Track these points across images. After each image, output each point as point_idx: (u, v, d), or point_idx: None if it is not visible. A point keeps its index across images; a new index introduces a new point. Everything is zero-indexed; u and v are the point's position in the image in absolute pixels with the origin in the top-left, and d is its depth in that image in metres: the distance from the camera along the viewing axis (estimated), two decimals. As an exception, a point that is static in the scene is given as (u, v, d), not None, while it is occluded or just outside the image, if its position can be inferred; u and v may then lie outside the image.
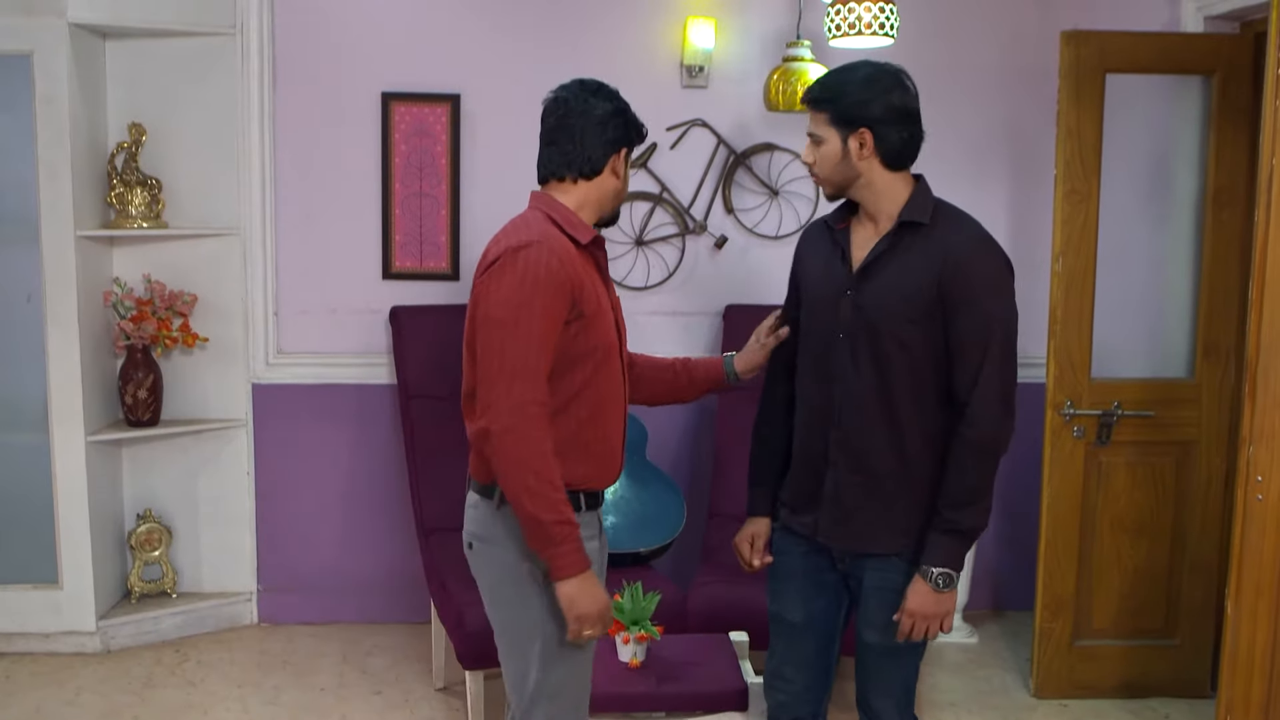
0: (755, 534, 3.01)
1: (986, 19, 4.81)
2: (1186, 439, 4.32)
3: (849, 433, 2.73)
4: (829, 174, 2.72)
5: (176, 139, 4.60)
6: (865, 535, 2.77)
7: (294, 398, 4.76)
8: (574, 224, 2.63)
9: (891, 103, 2.65)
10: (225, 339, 4.72)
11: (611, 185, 2.68)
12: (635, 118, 2.70)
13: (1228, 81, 4.19)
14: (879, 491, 2.73)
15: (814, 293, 2.83)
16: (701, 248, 4.84)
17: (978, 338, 2.62)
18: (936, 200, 2.73)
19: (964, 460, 2.64)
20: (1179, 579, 4.37)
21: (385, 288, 4.74)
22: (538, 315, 2.47)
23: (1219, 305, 4.28)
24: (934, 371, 2.67)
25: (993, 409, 2.63)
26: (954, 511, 2.65)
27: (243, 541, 4.85)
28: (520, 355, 2.46)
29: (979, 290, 2.63)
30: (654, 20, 4.70)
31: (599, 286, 2.65)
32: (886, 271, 2.68)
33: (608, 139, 2.64)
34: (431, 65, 4.67)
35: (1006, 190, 4.90)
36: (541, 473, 2.46)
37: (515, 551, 2.61)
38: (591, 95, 2.65)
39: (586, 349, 2.58)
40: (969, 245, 2.66)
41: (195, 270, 4.66)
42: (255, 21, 4.57)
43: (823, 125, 2.70)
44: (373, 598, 4.90)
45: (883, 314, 2.66)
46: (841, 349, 2.72)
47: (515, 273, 2.48)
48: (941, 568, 2.65)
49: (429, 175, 4.70)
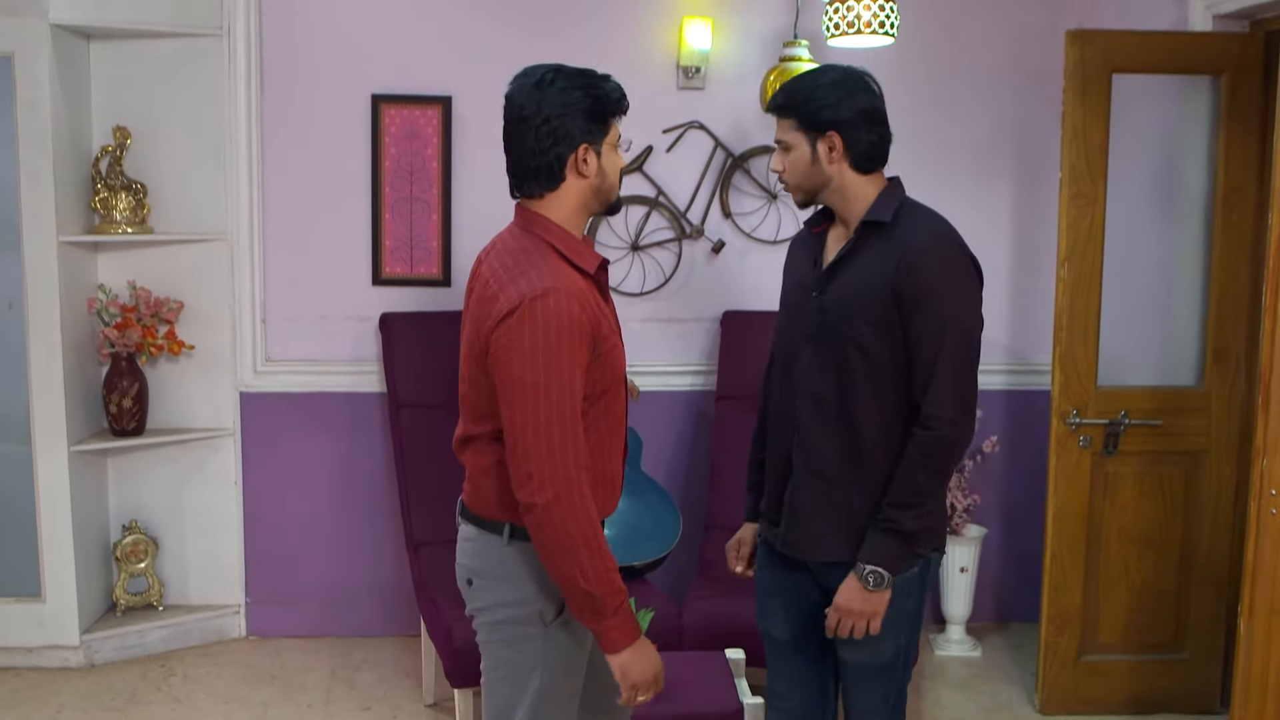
0: (741, 540, 2.97)
1: (989, 18, 4.73)
2: (1196, 449, 4.24)
3: (806, 436, 2.69)
4: (799, 180, 2.67)
5: (162, 142, 4.53)
6: (816, 541, 2.71)
7: (282, 406, 4.69)
8: (577, 250, 2.44)
9: (859, 105, 2.60)
10: (212, 346, 4.65)
11: (584, 186, 2.45)
12: (602, 98, 2.41)
13: (1237, 81, 4.11)
14: (831, 497, 2.67)
15: (789, 296, 2.82)
16: (698, 253, 4.77)
17: (932, 336, 2.55)
18: (903, 200, 2.67)
19: (913, 460, 2.57)
20: (1188, 592, 4.29)
21: (375, 294, 4.67)
22: (566, 371, 2.29)
23: (1229, 311, 4.20)
24: (894, 378, 2.61)
25: (946, 410, 2.55)
26: (897, 511, 2.58)
27: (230, 553, 4.77)
28: (558, 419, 2.29)
29: (934, 288, 2.55)
30: (649, 20, 4.63)
31: (608, 316, 2.49)
32: (847, 274, 2.64)
33: (557, 142, 2.39)
34: (422, 66, 4.59)
35: (1010, 193, 4.81)
36: (593, 544, 2.30)
37: (523, 591, 2.47)
38: (536, 89, 2.39)
39: (600, 387, 2.43)
40: (924, 242, 2.58)
41: (181, 276, 4.59)
42: (242, 22, 4.50)
43: (790, 131, 2.65)
44: (363, 610, 4.82)
45: (842, 317, 2.62)
46: (805, 352, 2.69)
47: (538, 327, 2.28)
48: (874, 566, 2.58)
49: (420, 179, 4.61)
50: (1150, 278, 4.45)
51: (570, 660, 2.52)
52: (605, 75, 2.46)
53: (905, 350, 2.57)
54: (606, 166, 2.47)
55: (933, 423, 2.55)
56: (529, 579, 2.45)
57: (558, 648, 2.48)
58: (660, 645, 3.48)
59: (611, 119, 2.45)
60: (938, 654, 4.74)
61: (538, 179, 2.44)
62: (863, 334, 2.58)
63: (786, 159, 2.67)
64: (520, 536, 2.44)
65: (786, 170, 2.68)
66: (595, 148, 2.43)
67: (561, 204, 2.46)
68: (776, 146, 2.70)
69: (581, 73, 2.43)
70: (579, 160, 2.42)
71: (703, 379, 4.80)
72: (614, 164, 2.49)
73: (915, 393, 2.58)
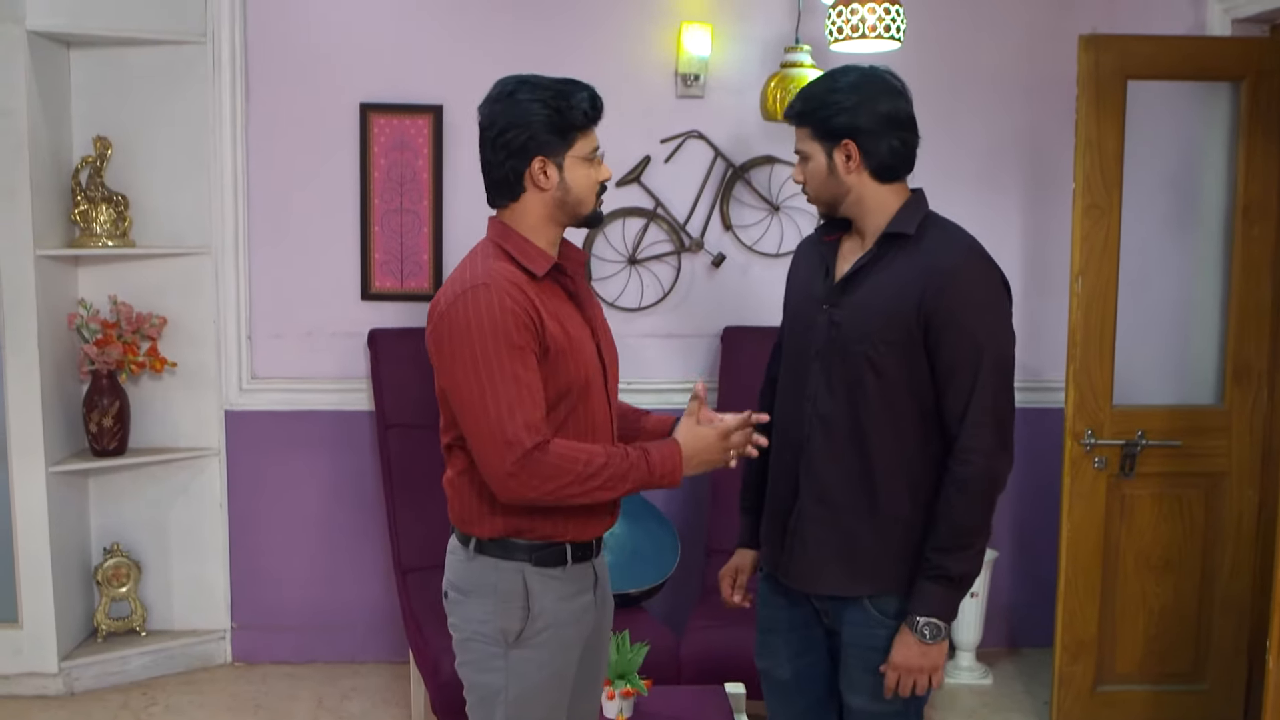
0: (738, 568, 2.80)
1: (999, 22, 4.60)
2: (1216, 470, 4.12)
3: (816, 462, 2.52)
4: (817, 191, 2.54)
5: (144, 153, 4.43)
6: (820, 573, 2.55)
7: (268, 425, 4.59)
8: (528, 254, 2.39)
9: (878, 110, 2.45)
10: (196, 364, 4.54)
11: (546, 199, 2.39)
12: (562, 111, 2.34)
13: (1258, 88, 4.00)
14: (839, 526, 2.51)
15: (796, 309, 2.65)
16: (698, 266, 4.65)
17: (967, 362, 2.40)
18: (928, 212, 2.52)
19: (953, 500, 2.42)
20: (1209, 619, 4.18)
21: (364, 309, 4.56)
22: (506, 359, 2.25)
23: (1250, 326, 4.09)
24: (912, 400, 2.45)
25: (985, 442, 2.41)
26: (942, 556, 2.42)
27: (215, 577, 4.65)
28: (503, 400, 2.24)
29: (967, 308, 2.41)
30: (647, 27, 4.52)
31: (569, 318, 2.41)
32: (865, 287, 2.48)
33: (511, 155, 2.36)
34: (412, 74, 4.48)
35: (1021, 205, 4.68)
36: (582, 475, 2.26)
37: (484, 609, 2.41)
38: (495, 101, 2.38)
39: (560, 389, 2.35)
40: (956, 258, 2.44)
41: (164, 291, 4.48)
42: (227, 29, 4.40)
43: (806, 140, 2.51)
44: (352, 636, 4.69)
45: (858, 333, 2.46)
46: (815, 368, 2.53)
47: (470, 320, 2.27)
48: (929, 617, 2.43)
49: (410, 191, 4.50)
50: (1167, 292, 4.35)
51: (539, 684, 2.42)
52: (579, 86, 2.39)
53: (928, 373, 2.43)
54: (571, 180, 2.40)
55: (971, 455, 2.40)
56: (490, 595, 2.40)
57: (523, 671, 2.40)
58: (656, 679, 3.38)
59: (576, 132, 2.38)
60: (948, 682, 4.57)
61: (498, 190, 2.44)
62: (879, 352, 2.43)
63: (805, 170, 2.53)
64: (485, 551, 2.41)
65: (807, 181, 2.54)
66: (555, 160, 2.37)
67: (523, 215, 2.43)
68: (797, 156, 2.56)
69: (549, 84, 2.37)
70: (535, 173, 2.37)
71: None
72: (581, 177, 2.41)
73: (949, 421, 2.44)
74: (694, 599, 4.29)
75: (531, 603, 2.38)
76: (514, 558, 2.39)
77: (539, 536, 2.38)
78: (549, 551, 2.40)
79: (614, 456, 2.29)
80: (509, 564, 2.39)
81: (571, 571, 2.43)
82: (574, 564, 2.43)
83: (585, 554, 2.46)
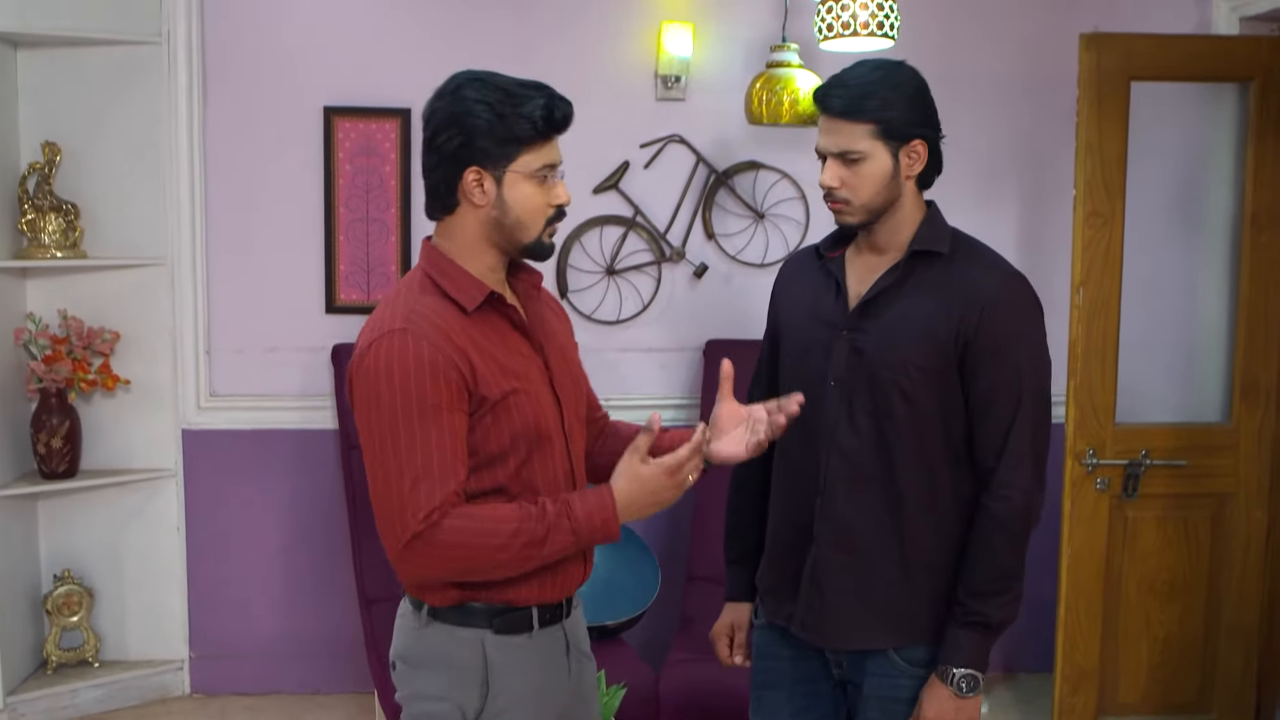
0: (736, 624, 2.57)
1: (996, 20, 4.46)
2: (1223, 490, 4.00)
3: (837, 501, 2.31)
4: (869, 198, 2.27)
5: (96, 159, 4.26)
6: (848, 627, 2.34)
7: (228, 444, 4.42)
8: (459, 285, 2.10)
9: (933, 107, 2.29)
10: (151, 380, 4.36)
11: (482, 217, 2.11)
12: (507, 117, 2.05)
13: (1267, 89, 3.88)
14: (867, 574, 2.31)
15: (800, 332, 2.41)
16: (679, 277, 4.49)
17: (1007, 394, 2.23)
18: (954, 228, 2.33)
19: (991, 540, 2.24)
20: (1215, 646, 4.07)
21: (328, 323, 4.39)
22: (416, 420, 1.98)
23: (1259, 340, 3.97)
24: (943, 431, 2.27)
25: (1024, 478, 2.24)
26: (980, 602, 2.24)
27: (172, 604, 4.48)
28: (409, 468, 1.98)
29: (1011, 339, 2.24)
30: (625, 26, 4.37)
31: (513, 356, 2.13)
32: (894, 309, 2.27)
33: (443, 161, 2.08)
34: (379, 76, 4.32)
35: (1018, 212, 4.54)
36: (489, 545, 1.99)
37: (439, 684, 2.14)
38: (439, 98, 2.10)
39: (504, 444, 2.09)
40: (999, 285, 2.25)
41: (117, 304, 4.31)
42: (183, 29, 4.24)
43: (864, 139, 2.23)
44: (316, 666, 4.51)
45: (888, 360, 2.26)
46: (833, 400, 2.31)
47: (380, 375, 2.00)
48: (965, 669, 2.24)
49: (376, 198, 4.33)
50: (1172, 304, 4.25)
51: None
52: (538, 91, 2.09)
53: (962, 403, 2.26)
54: (512, 199, 2.10)
55: (1010, 492, 2.23)
56: (443, 669, 2.14)
57: None
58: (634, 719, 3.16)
59: (523, 145, 2.07)
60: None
61: (432, 200, 2.16)
62: (912, 379, 2.24)
63: (855, 173, 2.25)
64: (439, 618, 2.14)
65: (856, 187, 2.26)
66: (493, 173, 2.08)
67: (456, 233, 2.14)
68: (830, 157, 2.27)
69: (503, 85, 2.08)
70: (469, 185, 2.09)
71: (685, 413, 4.50)
72: (523, 197, 2.10)
73: (984, 455, 2.26)
74: (673, 628, 4.11)
75: (492, 677, 2.12)
76: (472, 624, 2.12)
77: (500, 600, 2.12)
78: (512, 617, 2.13)
79: (528, 520, 2.01)
80: (466, 632, 2.12)
81: (539, 638, 2.17)
82: (541, 629, 2.17)
83: (554, 616, 2.20)
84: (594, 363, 2.60)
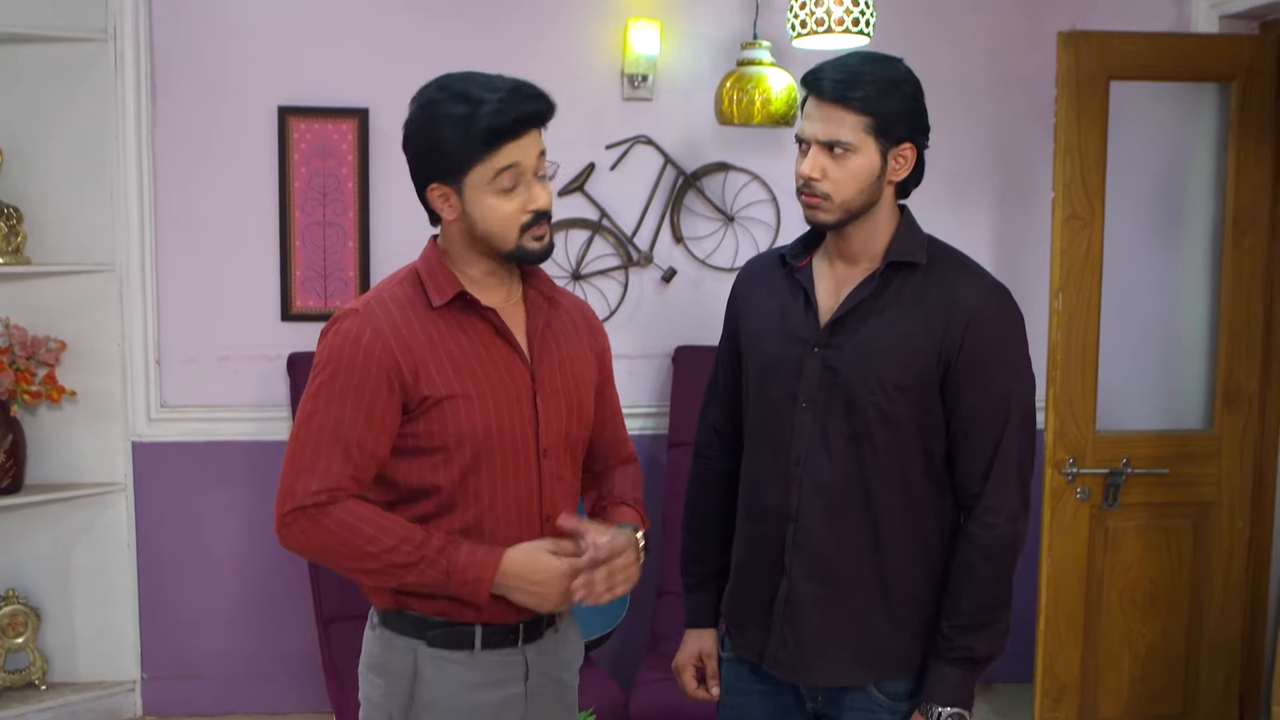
0: (704, 653, 2.43)
1: (971, 18, 4.39)
2: (1205, 499, 3.94)
3: (811, 530, 2.18)
4: (850, 196, 2.12)
5: (39, 162, 4.14)
6: (826, 663, 2.21)
7: (180, 457, 4.30)
8: (434, 279, 2.10)
9: (926, 113, 2.17)
10: (99, 391, 4.23)
11: (460, 230, 2.07)
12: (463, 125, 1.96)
13: (1248, 89, 3.80)
14: (845, 607, 2.19)
15: (766, 346, 2.26)
16: (647, 282, 4.40)
17: (993, 416, 2.12)
18: (929, 236, 2.21)
19: (976, 570, 2.12)
20: (1197, 658, 4.02)
21: (284, 330, 4.27)
22: (336, 397, 2.00)
23: (1240, 345, 3.91)
24: (923, 453, 2.15)
25: (1010, 503, 2.13)
26: (965, 635, 2.12)
27: (123, 623, 4.35)
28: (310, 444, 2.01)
29: (996, 356, 2.12)
30: (589, 24, 4.26)
31: (478, 359, 2.06)
32: (870, 325, 2.14)
33: (414, 176, 2.08)
34: (335, 74, 4.21)
35: (993, 215, 4.46)
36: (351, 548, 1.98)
37: (379, 689, 2.12)
38: (411, 110, 2.08)
39: (444, 442, 2.03)
40: (982, 300, 2.13)
41: (63, 312, 4.18)
42: (130, 25, 4.10)
43: (858, 131, 2.09)
44: (272, 686, 4.40)
45: (864, 379, 2.12)
46: (804, 422, 2.18)
47: (325, 352, 2.05)
48: (953, 707, 2.13)
49: (334, 201, 4.21)
50: (1153, 309, 4.17)
51: None
52: (495, 92, 1.98)
53: (942, 424, 2.14)
54: (475, 212, 2.04)
55: (995, 518, 2.12)
56: (383, 674, 2.12)
57: None
58: (602, 744, 3.04)
59: (472, 158, 1.99)
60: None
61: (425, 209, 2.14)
62: (892, 401, 2.11)
63: (840, 166, 2.10)
64: (385, 623, 2.13)
65: (839, 182, 2.11)
66: (454, 187, 2.03)
67: (449, 242, 2.13)
68: (811, 144, 2.12)
69: (464, 92, 1.99)
70: (436, 202, 2.07)
71: (653, 422, 4.41)
72: (487, 209, 2.03)
73: (967, 479, 2.15)
74: (642, 645, 4.02)
75: (419, 689, 2.07)
76: (407, 633, 2.08)
77: (436, 613, 2.06)
78: (448, 632, 2.06)
79: (407, 541, 1.98)
80: (400, 640, 2.09)
81: (484, 659, 2.08)
82: (487, 649, 2.08)
83: (508, 639, 2.10)
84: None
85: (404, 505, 2.06)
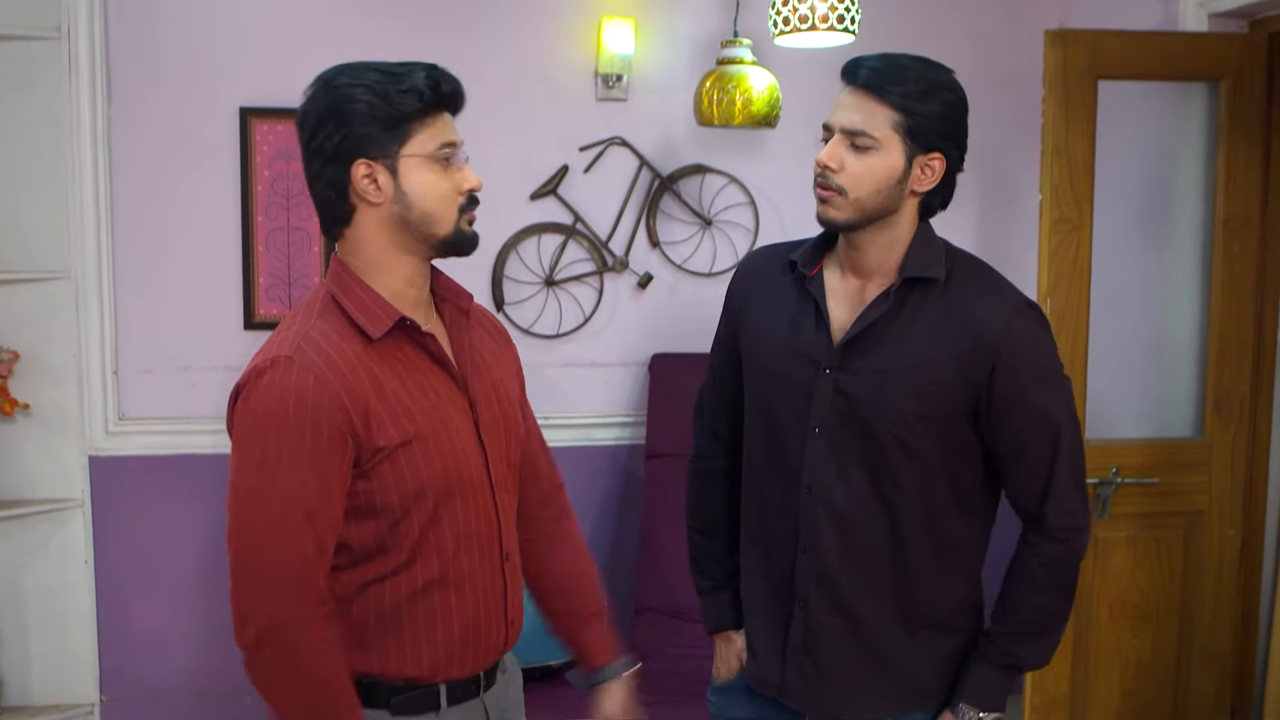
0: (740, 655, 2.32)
1: (956, 16, 4.34)
2: (1195, 509, 3.86)
3: (827, 561, 2.08)
4: (866, 195, 2.01)
5: None
6: (849, 698, 2.13)
7: (140, 471, 4.19)
8: (364, 307, 1.87)
9: (966, 130, 2.06)
10: (54, 403, 4.11)
11: (383, 217, 1.86)
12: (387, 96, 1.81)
13: (1237, 89, 3.72)
14: (866, 641, 2.09)
15: (773, 361, 2.14)
16: (623, 287, 4.32)
17: (1042, 436, 2.04)
18: (947, 246, 2.10)
19: (1040, 580, 2.07)
20: (1188, 670, 3.94)
21: (247, 340, 4.15)
22: (287, 470, 1.77)
23: (1231, 351, 3.83)
24: (949, 482, 2.06)
25: (1076, 517, 2.08)
26: (1020, 643, 2.08)
27: (81, 644, 4.23)
28: (272, 537, 1.80)
29: (1034, 379, 2.03)
30: (562, 22, 4.18)
31: (424, 393, 1.89)
32: (886, 348, 2.03)
33: (328, 162, 1.84)
34: (299, 75, 3.83)
35: (977, 218, 4.40)
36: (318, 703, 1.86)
37: None
38: (310, 97, 1.90)
39: (402, 498, 1.85)
40: (1009, 321, 2.01)
41: (15, 322, 4.05)
42: (85, 23, 3.97)
43: (886, 127, 1.98)
44: (238, 706, 4.20)
45: (882, 409, 2.02)
46: (817, 448, 2.06)
47: (254, 412, 1.79)
48: (992, 712, 2.08)
49: (298, 206, 4.10)
50: (1142, 315, 4.10)
51: None
52: (418, 65, 1.87)
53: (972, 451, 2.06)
54: (412, 188, 1.85)
55: (1066, 534, 2.07)
56: None
57: None
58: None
59: (410, 122, 1.83)
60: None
61: (324, 212, 1.91)
62: (914, 431, 2.01)
63: (859, 161, 1.99)
64: None
65: (857, 176, 1.99)
66: (385, 163, 1.83)
67: (360, 245, 1.89)
68: (837, 132, 2.01)
69: (378, 66, 1.86)
70: (360, 183, 1.84)
71: (630, 432, 4.32)
72: (426, 184, 1.86)
73: (1025, 502, 2.08)
74: (623, 665, 3.89)
75: None
76: (372, 703, 1.91)
77: (399, 676, 1.91)
78: (414, 696, 1.91)
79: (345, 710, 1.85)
80: (371, 713, 1.91)
81: (448, 716, 1.94)
82: (452, 707, 1.94)
83: (469, 691, 1.97)
84: (533, 379, 2.37)
85: (354, 568, 1.88)
